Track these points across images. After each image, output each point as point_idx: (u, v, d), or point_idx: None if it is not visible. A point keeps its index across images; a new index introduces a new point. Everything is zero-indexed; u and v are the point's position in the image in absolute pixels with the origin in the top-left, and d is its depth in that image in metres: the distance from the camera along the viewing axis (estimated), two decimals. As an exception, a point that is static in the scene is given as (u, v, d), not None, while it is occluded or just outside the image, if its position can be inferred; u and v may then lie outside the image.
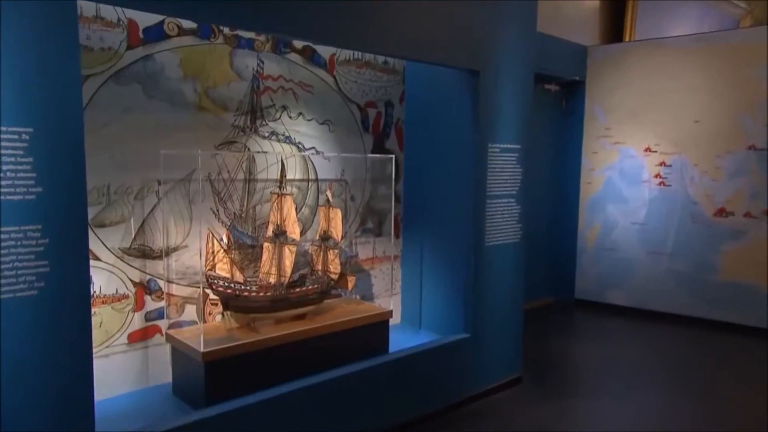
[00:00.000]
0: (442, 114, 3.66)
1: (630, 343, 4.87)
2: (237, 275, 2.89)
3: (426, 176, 3.86)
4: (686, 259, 5.27)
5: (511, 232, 3.70)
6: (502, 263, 3.65)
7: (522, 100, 3.65)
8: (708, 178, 5.12)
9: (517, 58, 3.62)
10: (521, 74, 3.65)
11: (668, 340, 4.95)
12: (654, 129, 5.38)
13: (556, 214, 5.98)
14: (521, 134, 3.67)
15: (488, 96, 3.44)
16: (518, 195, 3.72)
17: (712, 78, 5.05)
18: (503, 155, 3.58)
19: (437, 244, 3.80)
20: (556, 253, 6.02)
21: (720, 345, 4.82)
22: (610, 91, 5.59)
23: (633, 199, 5.53)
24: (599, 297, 5.80)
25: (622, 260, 5.63)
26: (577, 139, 5.83)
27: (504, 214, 3.62)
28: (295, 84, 3.42)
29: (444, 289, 3.77)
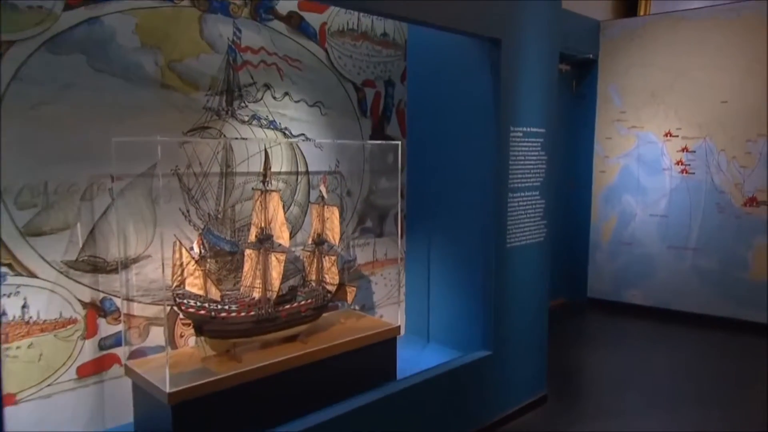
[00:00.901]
0: (454, 93, 3.12)
1: (653, 349, 4.41)
2: (212, 292, 2.34)
3: (433, 166, 3.32)
4: (712, 254, 4.81)
5: (536, 231, 3.18)
6: (526, 266, 3.14)
7: (548, 76, 3.13)
8: (737, 165, 4.66)
9: (542, 27, 3.09)
10: (547, 46, 3.13)
11: (694, 345, 4.50)
12: (676, 111, 4.90)
13: (567, 206, 5.48)
14: (547, 116, 3.15)
15: (511, 70, 2.91)
16: (542, 187, 3.20)
17: (742, 53, 4.57)
18: (527, 141, 3.06)
19: (448, 245, 3.28)
20: (567, 249, 5.54)
21: (751, 349, 4.38)
22: (626, 71, 5.10)
23: (652, 189, 5.06)
24: (615, 296, 5.33)
25: (641, 256, 5.16)
26: (590, 124, 5.34)
27: (528, 210, 3.11)
28: (280, 58, 2.86)
29: (457, 297, 3.26)
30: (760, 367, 4.05)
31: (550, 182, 3.24)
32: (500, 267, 3.00)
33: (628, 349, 4.42)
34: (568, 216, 5.51)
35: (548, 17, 3.12)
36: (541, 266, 3.22)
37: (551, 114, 3.17)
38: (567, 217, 5.51)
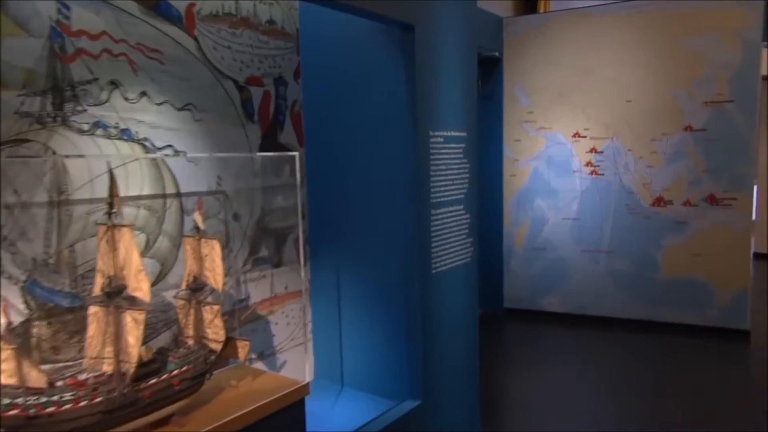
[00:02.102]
0: (360, 92, 2.60)
1: (573, 361, 4.20)
2: (32, 377, 1.62)
3: (340, 180, 2.79)
4: (625, 256, 4.72)
5: (462, 251, 2.75)
6: (455, 294, 2.70)
7: (467, 72, 2.70)
8: (644, 165, 4.59)
9: (457, 14, 2.66)
10: (464, 37, 2.70)
11: (611, 350, 4.36)
12: (583, 111, 4.76)
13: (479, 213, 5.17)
14: (468, 118, 2.72)
15: (427, 64, 2.45)
16: (467, 200, 2.78)
17: (645, 50, 4.51)
18: (448, 147, 2.61)
19: (361, 272, 2.75)
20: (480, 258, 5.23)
21: (668, 350, 4.31)
22: (532, 69, 4.89)
23: (563, 192, 4.88)
24: (532, 304, 5.11)
25: (555, 261, 4.98)
26: (498, 126, 5.08)
27: (453, 228, 2.66)
28: (131, 47, 2.17)
29: (375, 335, 2.74)
30: (677, 367, 3.95)
31: (474, 193, 2.82)
32: (426, 296, 2.52)
33: (550, 365, 4.17)
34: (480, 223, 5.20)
35: (463, 4, 2.70)
36: (470, 291, 2.80)
37: (472, 115, 2.75)
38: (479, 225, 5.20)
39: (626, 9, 4.54)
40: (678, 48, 4.39)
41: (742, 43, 4.19)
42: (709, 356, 4.19)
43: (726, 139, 4.31)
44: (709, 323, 4.49)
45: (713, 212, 4.39)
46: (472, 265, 2.81)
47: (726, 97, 4.28)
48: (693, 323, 4.53)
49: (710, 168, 4.37)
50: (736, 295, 4.38)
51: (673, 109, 4.45)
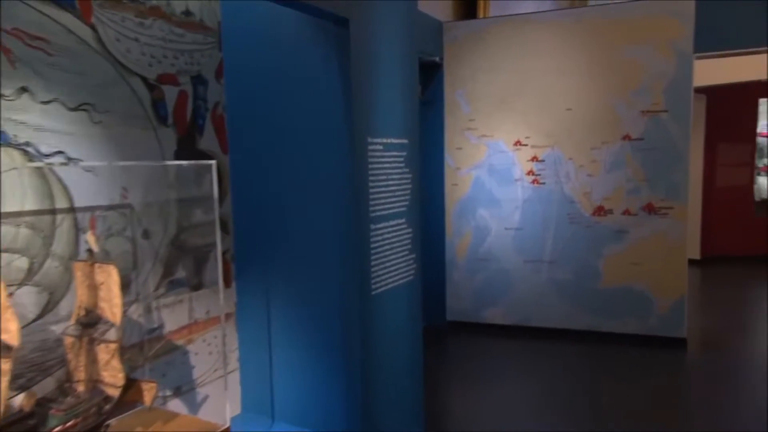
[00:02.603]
0: (291, 94, 2.34)
1: (518, 374, 4.09)
2: None
3: (269, 191, 2.50)
4: (567, 266, 4.66)
5: (405, 269, 2.52)
6: (397, 315, 2.46)
7: (408, 75, 2.49)
8: (584, 174, 4.55)
9: (396, 12, 2.44)
10: (404, 36, 2.48)
11: (555, 362, 4.27)
12: (524, 119, 4.68)
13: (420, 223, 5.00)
14: (409, 124, 2.50)
15: (364, 63, 2.21)
16: (409, 213, 2.55)
17: (585, 58, 4.48)
18: (388, 155, 2.38)
19: (294, 294, 2.47)
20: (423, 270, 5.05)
21: (610, 360, 4.27)
22: (473, 76, 4.77)
23: (506, 201, 4.78)
24: (476, 317, 4.97)
25: (498, 272, 4.86)
26: (438, 133, 4.92)
27: (394, 244, 2.43)
28: (7, 32, 1.81)
29: (309, 363, 2.46)
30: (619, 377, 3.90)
31: (416, 206, 2.60)
32: (365, 320, 2.27)
33: (495, 378, 4.02)
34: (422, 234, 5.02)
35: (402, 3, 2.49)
36: (413, 312, 2.57)
37: (413, 122, 2.53)
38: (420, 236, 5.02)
39: (567, 16, 4.50)
40: (616, 57, 4.39)
41: (676, 54, 4.24)
42: (648, 365, 4.18)
43: (662, 148, 4.33)
44: (648, 332, 4.49)
45: (651, 221, 4.41)
46: (415, 284, 2.59)
47: (661, 107, 4.31)
48: (633, 332, 4.53)
49: (648, 177, 4.39)
50: (674, 303, 4.41)
51: (611, 118, 4.44)
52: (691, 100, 4.27)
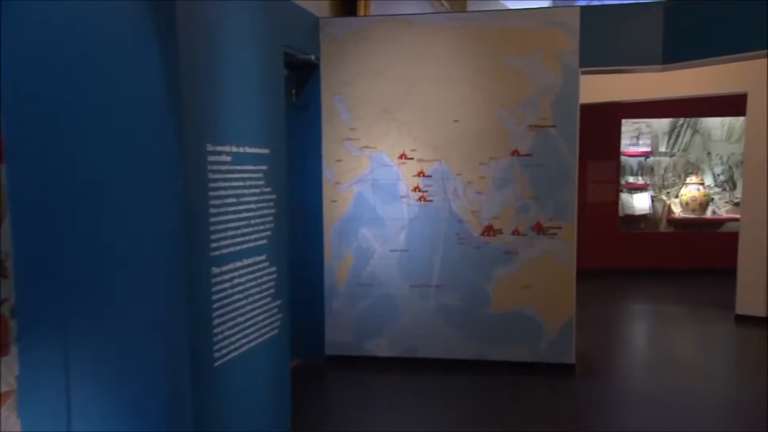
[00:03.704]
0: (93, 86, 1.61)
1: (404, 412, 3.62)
2: None
3: (67, 219, 1.73)
4: (456, 290, 4.30)
5: (266, 322, 1.88)
6: (256, 386, 1.81)
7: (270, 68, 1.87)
8: (473, 191, 4.23)
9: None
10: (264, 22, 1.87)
11: (443, 395, 3.88)
12: (409, 130, 4.25)
13: (295, 246, 4.37)
14: (272, 129, 1.89)
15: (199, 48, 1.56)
16: (271, 246, 1.92)
17: (472, 67, 4.17)
18: (240, 169, 1.74)
19: (102, 365, 1.73)
20: (297, 298, 4.42)
21: (499, 390, 3.95)
22: (353, 80, 4.26)
23: (390, 220, 4.32)
24: (358, 349, 4.43)
25: (383, 298, 4.38)
26: (316, 143, 4.34)
27: (250, 290, 1.79)
28: None
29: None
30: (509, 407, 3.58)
31: (282, 236, 1.99)
32: (203, 400, 1.60)
33: (379, 418, 3.50)
34: (295, 257, 4.39)
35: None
36: (280, 377, 1.93)
37: (278, 127, 1.93)
38: (295, 260, 4.39)
39: (453, 20, 4.17)
40: (503, 67, 4.13)
41: (563, 68, 4.07)
42: (537, 394, 3.92)
43: (550, 165, 4.14)
44: (538, 359, 4.25)
45: (540, 242, 4.18)
46: (282, 339, 1.97)
47: (549, 122, 4.12)
48: (523, 360, 4.26)
49: (537, 195, 4.16)
50: (562, 327, 4.22)
51: (499, 131, 4.17)
52: (578, 115, 4.12)
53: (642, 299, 6.85)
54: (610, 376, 4.31)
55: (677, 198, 8.44)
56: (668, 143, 8.55)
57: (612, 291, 7.05)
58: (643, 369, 4.39)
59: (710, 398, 3.89)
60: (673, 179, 8.57)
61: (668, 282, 7.44)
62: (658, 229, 8.48)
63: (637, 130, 8.47)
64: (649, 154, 8.50)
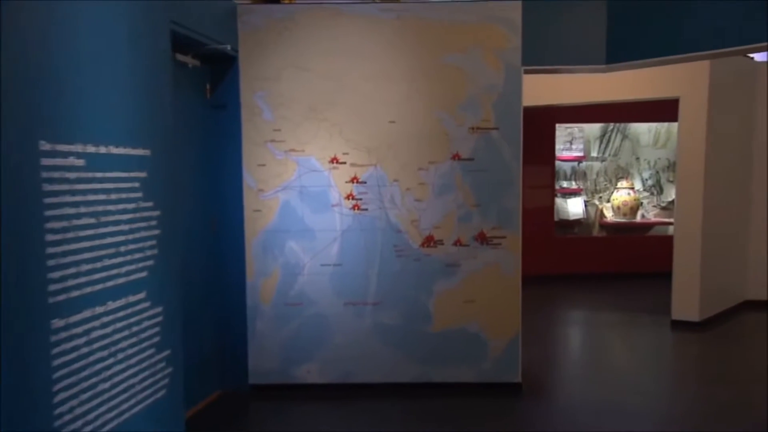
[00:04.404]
0: None
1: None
2: None
3: None
4: (394, 308, 3.92)
5: (145, 386, 1.40)
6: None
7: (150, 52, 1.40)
8: (412, 198, 3.87)
9: None
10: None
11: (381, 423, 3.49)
12: (341, 132, 3.84)
13: (209, 263, 3.85)
14: (153, 125, 1.42)
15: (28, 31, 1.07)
16: (155, 280, 1.44)
17: (408, 63, 3.82)
18: (99, 177, 1.25)
19: None
20: (215, 323, 3.90)
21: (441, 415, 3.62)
22: (277, 75, 3.80)
23: (321, 231, 3.88)
24: (285, 377, 3.96)
25: (313, 318, 3.93)
26: (234, 145, 3.84)
27: (119, 344, 1.30)
28: None
29: None
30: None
31: (172, 263, 1.51)
32: None
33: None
34: (212, 276, 3.87)
35: None
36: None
37: (161, 122, 1.45)
38: (211, 278, 3.86)
39: (386, 12, 3.79)
40: (441, 64, 3.81)
41: (504, 66, 3.80)
42: (482, 418, 3.61)
43: (493, 170, 3.85)
44: (482, 379, 3.95)
45: (483, 252, 3.89)
46: (172, 402, 1.48)
47: (491, 124, 3.84)
48: (467, 381, 3.94)
49: (479, 202, 3.86)
50: (508, 344, 3.94)
51: (439, 133, 3.84)
52: (521, 117, 3.86)
53: (580, 306, 6.77)
54: (556, 394, 4.07)
55: (609, 202, 8.52)
56: (599, 148, 8.63)
57: (550, 298, 6.94)
58: (588, 385, 4.19)
59: (656, 413, 3.72)
60: (605, 184, 8.65)
61: (603, 287, 7.44)
62: (591, 234, 8.52)
63: (570, 134, 8.49)
64: (582, 158, 8.54)
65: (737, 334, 5.44)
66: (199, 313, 3.72)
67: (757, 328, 5.62)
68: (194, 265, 3.64)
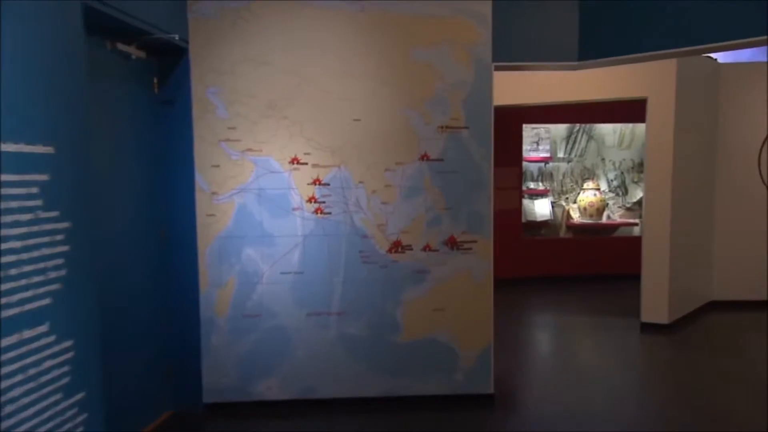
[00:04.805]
0: None
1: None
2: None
3: None
4: (360, 318, 3.69)
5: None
6: None
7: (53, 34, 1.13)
8: (378, 201, 3.64)
9: None
10: None
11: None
12: (302, 130, 3.59)
13: (158, 274, 3.54)
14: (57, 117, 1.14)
15: None
16: (63, 307, 1.17)
17: (373, 58, 3.59)
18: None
19: None
20: (165, 338, 3.58)
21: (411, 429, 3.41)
22: (231, 69, 3.52)
23: (281, 237, 3.62)
24: (243, 394, 3.68)
25: (273, 331, 3.66)
26: (185, 145, 3.54)
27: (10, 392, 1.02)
28: None
29: None
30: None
31: (87, 286, 1.24)
32: None
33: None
34: (162, 288, 3.56)
35: None
36: None
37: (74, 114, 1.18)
38: (161, 290, 3.55)
39: (351, 4, 3.56)
40: (408, 59, 3.60)
41: (474, 62, 3.62)
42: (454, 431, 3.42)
43: (463, 171, 3.66)
44: (454, 391, 3.75)
45: (454, 258, 3.69)
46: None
47: (461, 123, 3.65)
48: (438, 393, 3.74)
49: (449, 205, 3.67)
50: (480, 354, 3.75)
51: (407, 133, 3.63)
52: (492, 116, 3.68)
53: (549, 310, 6.67)
54: (529, 404, 3.91)
55: (576, 203, 8.49)
56: (566, 149, 8.59)
57: (519, 302, 6.82)
58: (561, 394, 4.05)
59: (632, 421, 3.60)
60: (571, 185, 8.62)
61: (572, 289, 7.37)
62: (558, 235, 8.47)
63: (536, 135, 8.42)
64: (548, 159, 8.49)
65: (706, 336, 5.41)
66: (146, 329, 3.40)
67: (725, 328, 5.62)
68: (140, 277, 3.33)
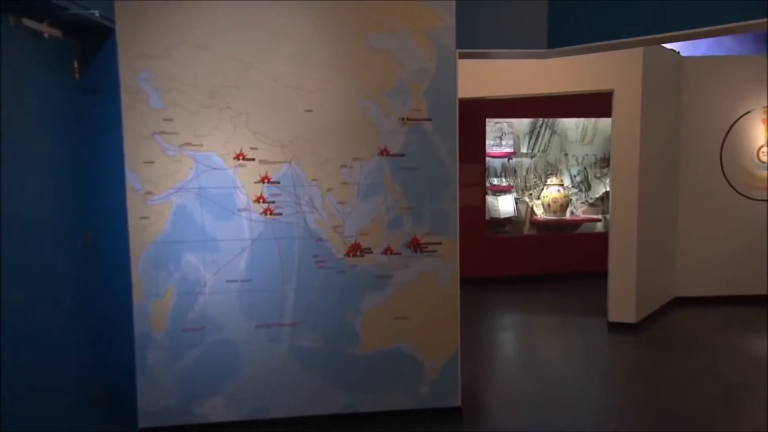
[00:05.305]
0: None
1: None
2: None
3: None
4: (315, 328, 3.37)
5: None
6: None
7: None
8: (334, 201, 3.32)
9: None
10: None
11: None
12: (248, 122, 3.23)
13: (84, 284, 3.12)
14: None
15: None
16: None
17: (328, 44, 3.26)
18: None
19: None
20: (94, 355, 3.17)
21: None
22: (167, 53, 3.13)
23: (226, 241, 3.25)
24: (185, 417, 3.30)
25: (219, 345, 3.30)
26: (113, 139, 3.13)
27: None
28: None
29: None
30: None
31: None
32: None
33: None
34: (89, 300, 3.14)
35: None
36: None
37: None
38: (88, 303, 3.13)
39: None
40: (366, 45, 3.28)
41: (437, 49, 3.33)
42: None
43: (426, 167, 3.38)
44: (419, 405, 3.47)
45: (417, 261, 3.41)
46: None
47: (423, 114, 3.36)
48: (401, 408, 3.46)
49: (412, 205, 3.38)
50: (446, 364, 3.48)
51: (364, 125, 3.31)
52: (456, 107, 3.41)
53: (515, 310, 6.48)
54: (496, 415, 3.67)
55: (539, 200, 8.36)
56: (529, 144, 8.45)
57: (483, 303, 6.61)
58: (530, 402, 3.83)
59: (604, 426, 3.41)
60: (535, 181, 8.49)
61: (538, 288, 7.21)
62: (522, 233, 8.32)
63: (500, 130, 8.24)
64: (512, 155, 8.32)
65: (673, 334, 5.32)
66: (69, 346, 2.98)
67: (691, 325, 5.55)
68: (59, 287, 2.91)
